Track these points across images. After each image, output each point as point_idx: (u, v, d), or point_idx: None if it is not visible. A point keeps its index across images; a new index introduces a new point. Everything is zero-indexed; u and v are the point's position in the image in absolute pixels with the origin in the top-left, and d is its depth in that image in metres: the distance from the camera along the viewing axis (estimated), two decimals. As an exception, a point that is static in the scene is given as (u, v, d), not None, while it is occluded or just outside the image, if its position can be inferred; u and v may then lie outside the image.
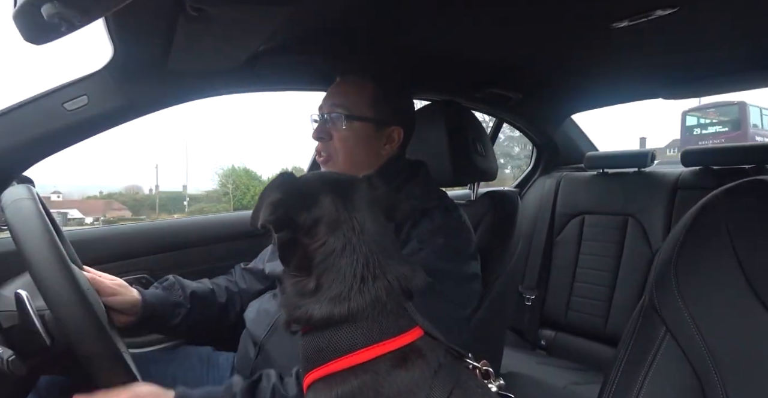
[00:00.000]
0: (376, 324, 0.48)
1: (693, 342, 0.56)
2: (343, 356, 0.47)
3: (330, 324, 0.48)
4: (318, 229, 0.50)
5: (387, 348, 0.47)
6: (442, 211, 0.89)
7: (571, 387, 1.46)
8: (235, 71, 1.06)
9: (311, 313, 0.49)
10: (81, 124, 0.93)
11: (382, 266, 0.50)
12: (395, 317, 0.49)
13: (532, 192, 2.18)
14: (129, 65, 0.93)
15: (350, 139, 0.93)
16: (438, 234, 0.85)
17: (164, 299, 0.92)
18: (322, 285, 0.49)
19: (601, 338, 1.75)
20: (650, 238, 1.71)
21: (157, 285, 0.96)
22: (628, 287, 1.72)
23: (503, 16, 0.99)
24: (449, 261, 0.84)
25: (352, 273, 0.49)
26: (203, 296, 0.98)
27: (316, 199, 0.52)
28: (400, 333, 0.49)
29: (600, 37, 1.12)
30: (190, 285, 0.98)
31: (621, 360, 0.63)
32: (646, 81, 1.63)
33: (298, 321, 0.51)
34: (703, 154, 1.74)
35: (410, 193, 0.92)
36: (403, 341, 0.48)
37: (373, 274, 0.49)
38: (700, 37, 1.16)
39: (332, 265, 0.49)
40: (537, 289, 1.95)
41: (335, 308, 0.48)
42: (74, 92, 0.92)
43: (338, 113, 0.92)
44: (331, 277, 0.49)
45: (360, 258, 0.50)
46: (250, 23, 0.82)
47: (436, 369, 0.47)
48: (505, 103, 1.72)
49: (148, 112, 1.04)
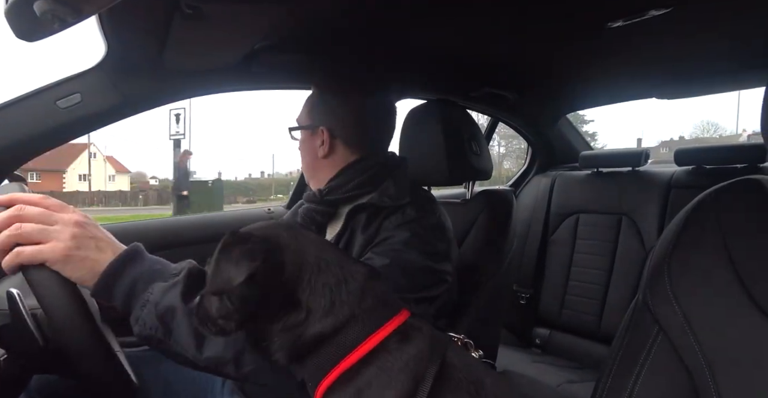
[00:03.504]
0: (369, 316, 0.52)
1: (685, 341, 0.56)
2: (350, 353, 0.50)
3: (338, 330, 0.51)
4: (287, 266, 0.53)
5: (388, 331, 0.51)
6: (415, 207, 0.89)
7: (565, 385, 1.47)
8: (231, 69, 1.05)
9: (318, 331, 0.51)
10: (74, 121, 0.93)
11: (347, 271, 0.55)
12: (383, 305, 0.54)
13: (527, 191, 2.19)
14: (123, 63, 0.93)
15: (300, 149, 1.00)
16: (406, 228, 0.85)
17: None
18: (312, 308, 0.52)
19: (595, 336, 1.76)
20: (644, 237, 1.72)
21: None
22: (622, 286, 1.73)
23: (498, 16, 0.99)
24: (413, 251, 0.82)
25: (329, 287, 0.52)
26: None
27: (278, 242, 0.54)
28: (393, 316, 0.53)
29: (595, 37, 1.13)
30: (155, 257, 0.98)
31: (615, 358, 0.63)
32: (639, 81, 1.64)
33: (307, 345, 0.52)
34: (696, 154, 1.76)
35: (385, 191, 0.91)
36: (398, 321, 0.53)
37: (345, 280, 0.54)
38: (693, 37, 1.16)
39: (315, 288, 0.52)
40: (532, 288, 1.96)
41: (336, 316, 0.51)
42: (67, 90, 0.91)
43: (289, 127, 0.99)
44: (319, 297, 0.52)
45: (328, 273, 0.53)
46: (246, 21, 0.82)
47: (431, 339, 0.52)
48: (500, 102, 1.72)
49: (143, 109, 1.03)
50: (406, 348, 0.50)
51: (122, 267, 0.60)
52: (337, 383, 0.50)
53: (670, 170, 1.80)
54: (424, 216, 0.89)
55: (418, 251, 0.83)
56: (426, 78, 1.45)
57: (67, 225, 0.58)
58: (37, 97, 0.89)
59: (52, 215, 0.58)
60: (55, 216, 0.58)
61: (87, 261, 0.58)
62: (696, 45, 1.24)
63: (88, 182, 28.88)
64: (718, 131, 38.18)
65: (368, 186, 0.92)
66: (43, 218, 0.57)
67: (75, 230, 0.58)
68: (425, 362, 0.49)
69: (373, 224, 0.88)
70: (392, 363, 0.50)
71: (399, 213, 0.88)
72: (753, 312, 0.53)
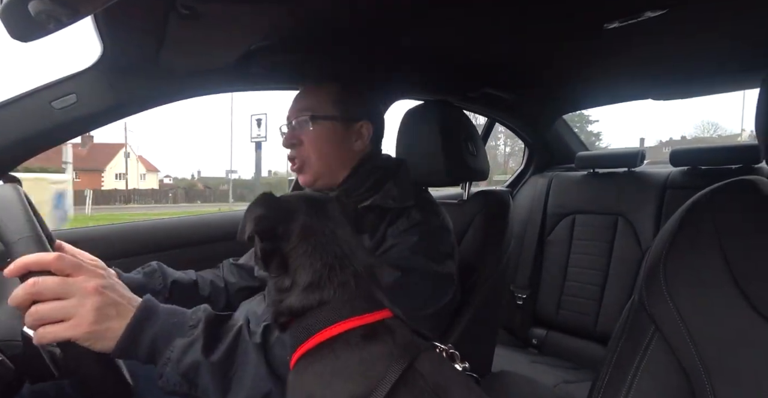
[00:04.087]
0: (348, 303, 0.54)
1: (681, 341, 0.56)
2: (318, 332, 0.52)
3: (308, 309, 0.54)
4: (293, 236, 0.58)
5: (357, 323, 0.52)
6: (419, 210, 0.90)
7: (562, 385, 1.48)
8: (227, 70, 1.05)
9: (291, 304, 0.55)
10: (69, 122, 0.92)
11: (349, 258, 0.58)
12: (365, 299, 0.55)
13: (524, 191, 2.19)
14: (119, 63, 0.92)
15: (319, 140, 0.94)
16: (413, 232, 0.86)
17: (142, 285, 0.89)
18: (297, 280, 0.56)
19: (591, 336, 1.77)
20: (640, 237, 1.73)
21: (138, 270, 0.93)
22: (618, 286, 1.74)
23: (496, 17, 0.99)
24: (420, 257, 0.83)
25: (322, 265, 0.55)
26: (185, 287, 0.96)
27: (293, 212, 0.60)
28: (370, 312, 0.54)
29: (592, 38, 1.13)
30: (172, 274, 0.95)
31: (611, 358, 0.63)
32: (636, 82, 1.65)
33: (281, 314, 0.57)
34: (691, 154, 1.76)
35: (388, 193, 0.91)
36: (373, 318, 0.53)
37: (341, 264, 0.56)
38: (689, 38, 1.17)
39: (304, 262, 0.56)
40: (529, 288, 1.96)
41: (309, 296, 0.54)
42: (62, 90, 0.91)
43: (304, 116, 0.93)
44: (304, 272, 0.56)
45: (329, 253, 0.57)
46: (242, 21, 0.82)
47: (403, 344, 0.52)
48: (497, 103, 1.72)
49: (139, 110, 1.03)
50: (370, 346, 0.50)
51: (140, 328, 0.59)
52: (302, 360, 0.53)
53: (666, 171, 1.81)
54: (429, 218, 0.90)
55: (426, 257, 0.84)
56: (423, 78, 1.45)
57: (86, 295, 0.56)
58: (32, 97, 0.89)
59: (69, 285, 0.55)
60: (72, 287, 0.55)
61: (109, 332, 0.57)
62: (692, 46, 1.25)
63: (125, 181, 29.30)
64: (717, 131, 38.39)
65: (374, 188, 0.92)
66: (60, 291, 0.55)
67: (95, 301, 0.56)
68: (386, 364, 0.49)
69: (380, 228, 0.88)
70: (350, 356, 0.50)
71: (404, 216, 0.88)
72: (748, 312, 0.53)
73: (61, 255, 0.56)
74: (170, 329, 0.60)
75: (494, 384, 1.21)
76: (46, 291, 0.54)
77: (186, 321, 0.62)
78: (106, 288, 0.58)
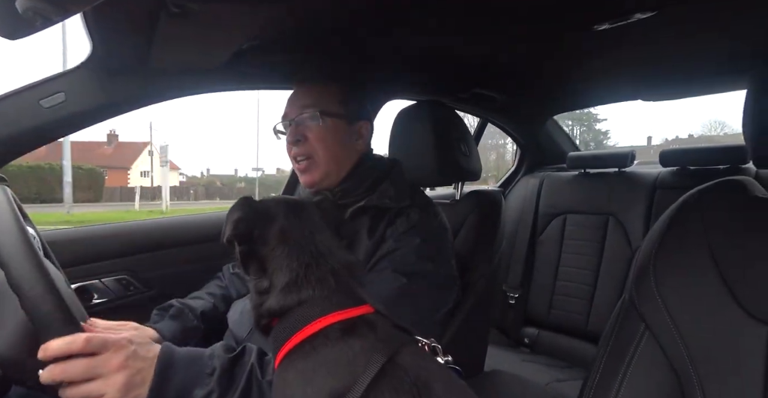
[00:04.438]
0: (326, 300, 0.54)
1: (671, 338, 0.57)
2: (298, 331, 0.52)
3: (287, 309, 0.55)
4: (271, 239, 0.59)
5: (337, 318, 0.52)
6: (418, 210, 0.90)
7: (553, 384, 1.49)
8: (219, 69, 1.05)
9: (270, 306, 0.56)
10: (58, 121, 0.91)
11: (326, 256, 0.58)
12: (345, 295, 0.56)
13: (516, 191, 2.21)
14: (108, 62, 0.91)
15: (327, 137, 0.92)
16: (414, 234, 0.85)
17: (181, 328, 0.91)
18: (274, 282, 0.57)
19: (583, 335, 1.78)
20: (630, 237, 1.75)
21: (159, 312, 0.94)
22: (608, 285, 1.75)
23: (488, 18, 0.99)
24: (426, 261, 0.84)
25: (298, 265, 0.56)
26: (211, 314, 0.98)
27: (271, 215, 0.61)
28: (350, 307, 0.54)
29: (582, 39, 1.14)
30: (197, 307, 0.97)
31: (602, 356, 0.64)
32: (626, 82, 1.66)
33: (262, 316, 0.58)
34: (680, 155, 1.79)
35: (384, 193, 0.91)
36: (353, 313, 0.54)
37: (318, 262, 0.57)
38: (678, 40, 1.18)
39: (282, 264, 0.57)
40: (520, 288, 1.97)
41: (288, 296, 0.55)
42: (51, 89, 0.90)
43: (311, 112, 0.91)
44: (281, 273, 0.56)
45: (306, 253, 0.58)
46: (233, 20, 0.81)
47: (382, 338, 0.52)
48: (489, 104, 1.73)
49: (129, 109, 1.02)
50: (350, 340, 0.51)
51: (162, 386, 0.60)
52: (286, 359, 0.53)
53: (656, 171, 1.83)
54: (428, 219, 0.90)
55: (431, 261, 0.85)
56: (415, 79, 1.45)
57: (113, 373, 0.58)
58: (20, 96, 0.88)
59: (96, 368, 0.57)
60: (99, 369, 0.57)
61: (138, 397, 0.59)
62: (680, 48, 1.26)
63: (151, 178, 29.58)
64: (724, 129, 38.67)
65: (370, 189, 0.92)
66: (88, 374, 0.56)
67: (121, 377, 0.58)
68: (366, 357, 0.49)
69: (379, 228, 0.87)
70: (330, 351, 0.50)
71: (403, 217, 0.88)
72: (734, 309, 0.54)
73: (88, 338, 0.56)
74: (189, 379, 0.62)
75: (486, 383, 1.22)
76: (76, 376, 0.56)
77: (203, 368, 0.64)
78: (130, 359, 0.59)
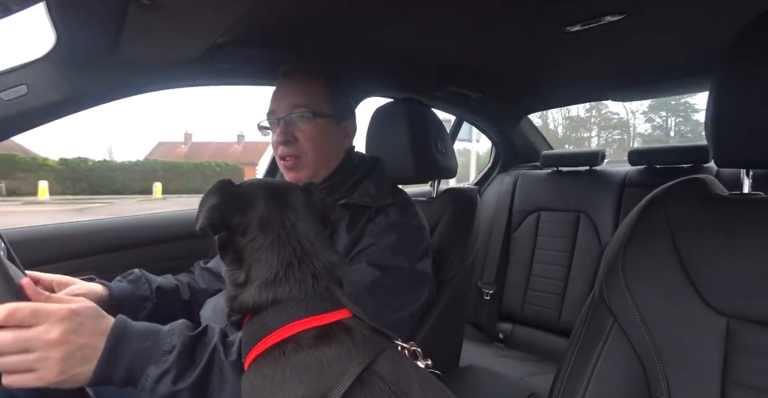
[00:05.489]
0: (303, 303, 0.52)
1: (638, 332, 0.59)
2: (270, 334, 0.50)
3: (261, 308, 0.52)
4: (250, 228, 0.55)
5: (311, 324, 0.50)
6: (397, 209, 0.91)
7: (527, 378, 1.52)
8: (192, 63, 1.02)
9: (243, 301, 0.53)
10: (19, 115, 0.87)
11: (309, 254, 0.55)
12: (322, 299, 0.53)
13: (491, 189, 2.24)
14: (74, 54, 0.88)
15: (318, 137, 0.91)
16: (391, 231, 0.86)
17: (130, 292, 0.88)
18: (251, 276, 0.54)
19: (555, 330, 1.83)
20: (600, 233, 1.80)
21: (121, 278, 0.92)
22: (580, 280, 1.80)
23: (462, 17, 1.00)
24: (400, 257, 0.84)
25: (278, 261, 0.53)
26: (168, 291, 0.96)
27: (251, 202, 0.57)
28: (326, 312, 0.52)
29: (554, 40, 1.17)
30: (155, 280, 0.95)
31: (573, 350, 0.66)
32: (596, 83, 1.71)
33: (235, 310, 0.55)
34: (647, 154, 1.85)
35: (365, 191, 0.92)
36: (329, 319, 0.52)
37: (300, 260, 0.54)
38: (646, 42, 1.22)
39: (260, 257, 0.54)
40: (495, 284, 2.00)
41: (263, 292, 0.52)
42: (12, 81, 0.86)
43: (302, 112, 0.90)
44: (259, 267, 0.53)
45: (287, 248, 0.54)
46: (207, 14, 0.79)
47: (359, 344, 0.50)
48: (465, 102, 1.75)
49: (97, 103, 0.98)
50: (324, 347, 0.49)
51: (112, 359, 0.56)
52: (254, 364, 0.51)
53: (624, 169, 1.88)
54: (407, 218, 0.91)
55: (405, 256, 0.85)
56: (392, 77, 1.45)
57: (49, 348, 0.52)
58: None
59: (28, 341, 0.51)
60: (31, 342, 0.51)
61: (79, 375, 0.54)
62: (649, 50, 1.30)
63: None
64: None
65: (353, 187, 0.93)
66: (19, 347, 0.51)
67: (58, 352, 0.52)
68: (342, 365, 0.47)
69: (358, 224, 0.88)
70: (301, 358, 0.48)
71: (382, 215, 0.89)
72: (695, 300, 0.56)
73: (13, 310, 0.51)
74: (144, 355, 0.58)
75: (461, 378, 1.24)
76: (3, 349, 0.51)
77: (160, 344, 0.59)
78: (71, 333, 0.53)
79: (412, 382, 0.49)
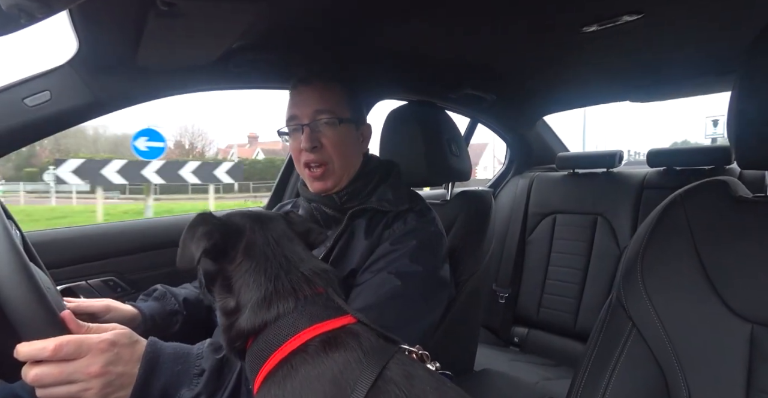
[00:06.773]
0: (304, 313, 0.51)
1: (657, 336, 0.58)
2: (275, 351, 0.50)
3: (260, 328, 0.52)
4: (237, 254, 0.56)
5: (316, 332, 0.50)
6: (415, 214, 0.90)
7: (543, 382, 1.50)
8: (208, 68, 1.04)
9: (239, 326, 0.53)
10: (43, 120, 0.90)
11: (296, 263, 0.56)
12: (322, 305, 0.53)
13: (506, 191, 2.22)
14: (95, 60, 0.90)
15: (343, 143, 0.91)
16: (411, 237, 0.86)
17: (161, 309, 0.91)
18: (241, 300, 0.54)
19: (571, 334, 1.80)
20: (618, 236, 1.76)
21: (144, 297, 0.95)
22: (597, 284, 1.77)
23: (478, 19, 1.00)
24: (421, 264, 0.84)
25: (266, 278, 0.53)
26: (194, 302, 0.98)
27: (237, 228, 0.58)
28: (329, 319, 0.52)
29: (571, 41, 1.15)
30: (180, 293, 0.97)
31: (590, 355, 0.65)
32: (614, 84, 1.68)
33: (233, 340, 0.55)
34: (666, 156, 1.81)
35: (382, 196, 0.92)
36: (333, 325, 0.51)
37: (287, 270, 0.54)
38: (665, 42, 1.20)
39: (248, 280, 0.54)
40: (510, 287, 1.98)
41: (259, 314, 0.52)
42: (36, 87, 0.88)
43: (327, 118, 0.89)
44: (248, 289, 0.53)
45: (274, 263, 0.55)
46: (224, 19, 0.80)
47: (369, 350, 0.49)
48: (479, 104, 1.74)
49: (117, 108, 1.01)
50: (332, 354, 0.48)
51: (147, 385, 0.60)
52: (264, 385, 0.50)
53: (643, 171, 1.85)
54: (426, 224, 0.91)
55: (425, 264, 0.85)
56: (406, 79, 1.45)
57: (90, 379, 0.56)
58: (4, 94, 0.86)
59: (71, 374, 0.56)
60: (74, 375, 0.56)
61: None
62: (667, 50, 1.28)
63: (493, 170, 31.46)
64: None
65: (372, 191, 0.93)
66: (63, 380, 0.56)
67: (99, 383, 0.57)
68: (354, 373, 0.46)
69: (376, 230, 0.88)
70: (312, 369, 0.47)
71: (400, 221, 0.89)
72: (718, 306, 0.55)
73: (59, 346, 0.55)
74: (176, 379, 0.62)
75: (476, 382, 1.22)
76: (50, 382, 0.55)
77: (191, 367, 0.63)
78: (110, 364, 0.58)
79: (427, 386, 0.48)
